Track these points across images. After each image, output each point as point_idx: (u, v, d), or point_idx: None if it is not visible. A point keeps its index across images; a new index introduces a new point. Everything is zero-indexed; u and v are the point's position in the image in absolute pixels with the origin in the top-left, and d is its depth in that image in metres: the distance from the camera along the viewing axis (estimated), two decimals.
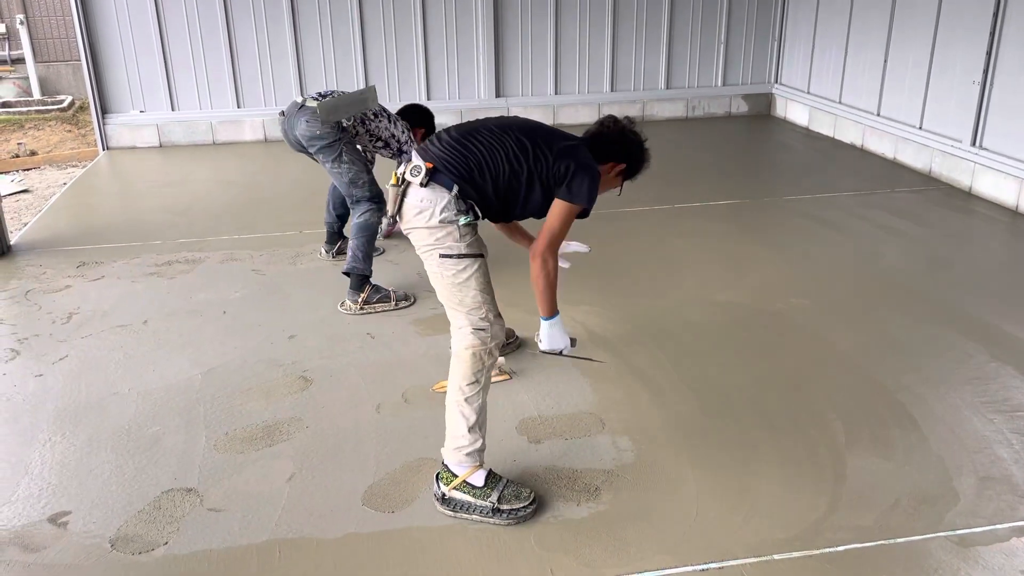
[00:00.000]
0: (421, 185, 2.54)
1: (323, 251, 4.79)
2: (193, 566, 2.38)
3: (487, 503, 2.53)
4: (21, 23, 11.24)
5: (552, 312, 2.72)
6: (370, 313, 3.99)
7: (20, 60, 11.55)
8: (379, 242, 4.91)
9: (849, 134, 7.26)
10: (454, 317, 2.63)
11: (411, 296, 4.12)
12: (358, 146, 4.23)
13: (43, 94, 11.29)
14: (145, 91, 7.57)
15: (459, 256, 2.56)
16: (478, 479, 2.57)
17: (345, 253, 4.72)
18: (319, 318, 3.97)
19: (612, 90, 8.27)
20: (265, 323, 3.93)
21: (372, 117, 4.24)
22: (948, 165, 6.03)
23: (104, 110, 7.56)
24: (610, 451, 2.88)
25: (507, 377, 3.35)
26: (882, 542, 2.43)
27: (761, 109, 8.59)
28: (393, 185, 2.62)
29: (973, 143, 5.78)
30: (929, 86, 6.25)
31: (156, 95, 7.59)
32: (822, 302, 4.08)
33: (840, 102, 7.42)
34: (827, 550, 2.39)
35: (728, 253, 4.77)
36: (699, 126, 8.22)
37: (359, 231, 4.08)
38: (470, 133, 2.68)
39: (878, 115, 6.87)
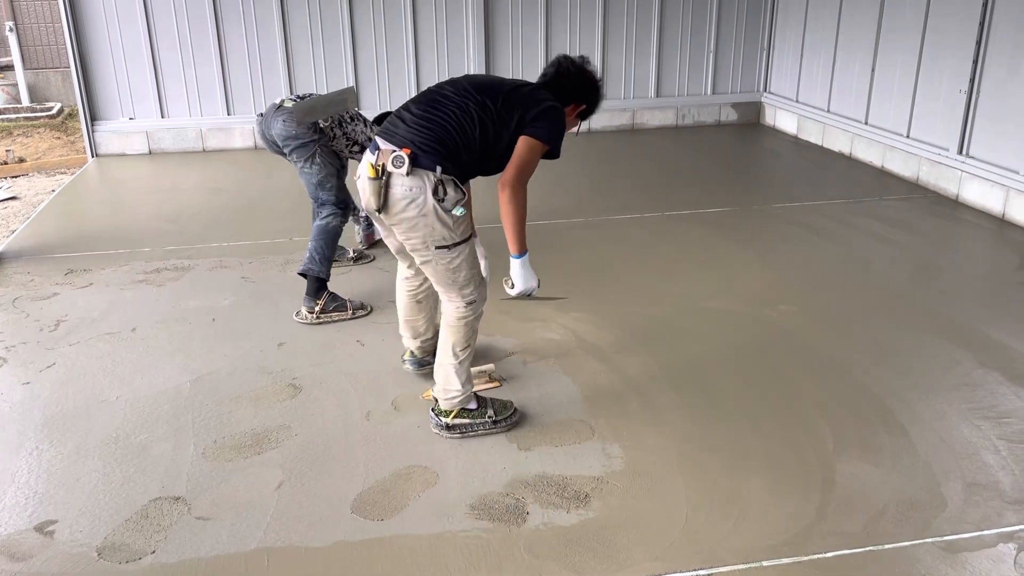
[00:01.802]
0: (406, 174, 2.57)
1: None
2: (181, 575, 2.37)
3: (486, 419, 2.95)
4: (10, 30, 11.21)
5: (523, 249, 2.72)
6: (326, 322, 3.97)
7: (9, 67, 11.52)
8: (369, 249, 4.91)
9: (837, 142, 7.31)
10: (445, 292, 2.81)
11: (368, 306, 4.09)
12: (335, 149, 4.18)
13: (32, 101, 11.25)
14: (134, 98, 7.54)
15: (453, 245, 2.69)
16: (472, 403, 2.97)
17: (337, 260, 4.69)
18: (308, 325, 3.96)
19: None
20: (254, 330, 3.92)
21: (349, 120, 4.21)
22: (935, 173, 6.07)
23: (93, 117, 7.53)
24: (600, 458, 2.88)
25: (497, 384, 3.35)
26: (870, 548, 2.44)
27: (750, 117, 8.64)
28: (372, 178, 2.59)
29: (960, 151, 5.82)
30: (916, 95, 6.30)
31: (145, 102, 7.57)
32: (811, 309, 4.10)
33: (828, 111, 7.46)
34: (816, 556, 2.40)
35: (718, 260, 4.78)
36: (689, 134, 8.26)
37: (320, 233, 4.03)
38: (432, 106, 2.69)
39: (866, 124, 6.92)
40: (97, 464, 2.88)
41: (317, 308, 3.95)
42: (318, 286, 3.97)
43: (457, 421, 2.95)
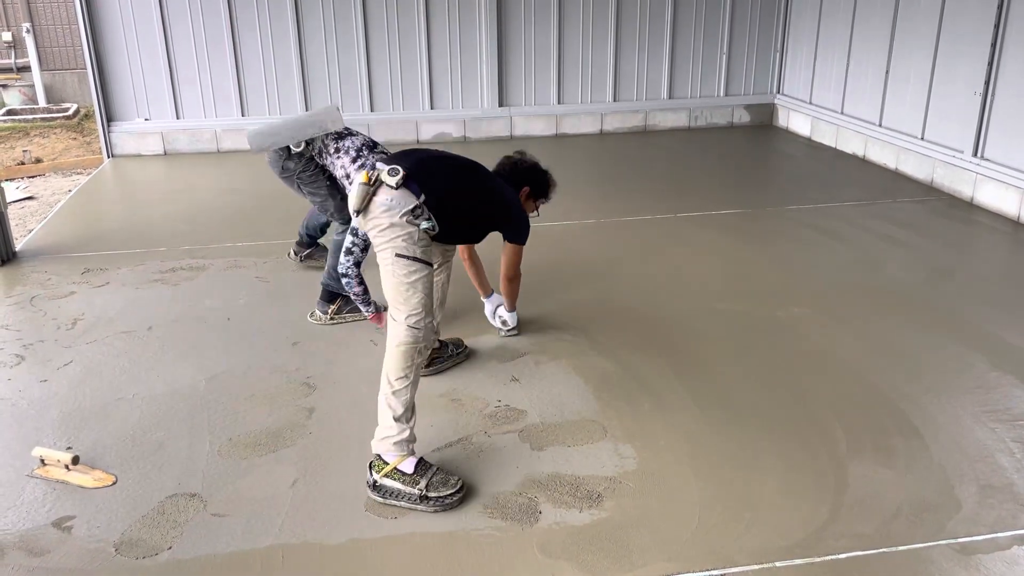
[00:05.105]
0: (395, 187, 2.78)
1: (292, 252, 4.73)
2: (196, 571, 2.39)
3: (415, 490, 2.64)
4: (27, 31, 11.31)
5: (515, 306, 3.78)
6: (340, 323, 3.99)
7: (26, 68, 11.60)
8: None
9: (851, 144, 7.29)
10: (396, 313, 2.80)
11: (381, 306, 4.08)
12: (326, 171, 3.90)
13: (49, 102, 11.34)
14: (150, 99, 7.60)
15: (412, 258, 2.77)
16: (408, 467, 2.68)
17: (313, 259, 4.69)
18: (322, 326, 3.98)
19: (615, 100, 8.30)
20: (269, 330, 3.95)
21: (332, 151, 3.82)
22: (950, 176, 6.04)
23: (109, 118, 7.59)
24: (612, 458, 2.89)
25: (112, 480, 2.83)
26: (884, 550, 2.43)
27: (763, 119, 8.62)
28: (364, 184, 2.79)
29: (975, 154, 5.80)
30: (931, 97, 6.28)
31: (161, 103, 7.62)
32: (824, 311, 4.09)
33: (842, 112, 7.44)
34: (829, 557, 2.40)
35: (730, 262, 4.78)
36: (701, 136, 8.25)
37: (336, 250, 3.88)
38: (436, 160, 3.08)
39: (880, 126, 6.89)
40: (114, 461, 2.91)
41: (331, 310, 3.98)
42: (332, 295, 3.99)
43: (385, 481, 2.66)
